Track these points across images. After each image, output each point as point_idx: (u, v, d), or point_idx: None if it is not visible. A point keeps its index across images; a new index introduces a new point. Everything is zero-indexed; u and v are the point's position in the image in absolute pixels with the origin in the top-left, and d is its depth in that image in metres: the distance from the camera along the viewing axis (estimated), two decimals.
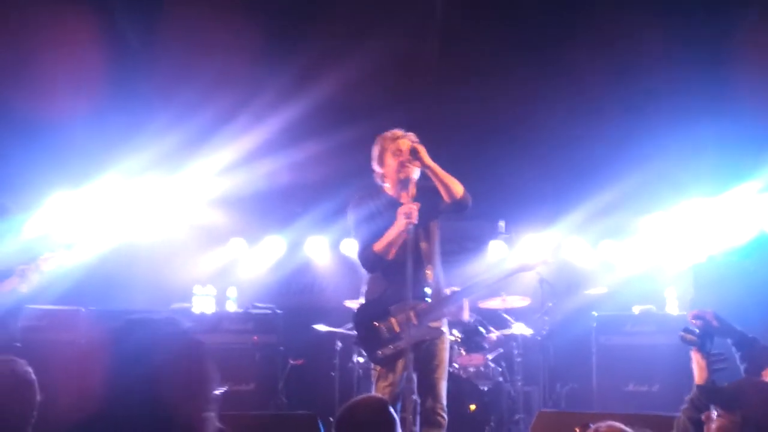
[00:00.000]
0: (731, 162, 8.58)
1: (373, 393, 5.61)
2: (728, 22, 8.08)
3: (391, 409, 3.54)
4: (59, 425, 1.87)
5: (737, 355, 3.86)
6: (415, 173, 5.55)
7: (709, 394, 3.47)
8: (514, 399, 8.38)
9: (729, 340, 3.89)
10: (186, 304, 8.74)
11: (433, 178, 5.46)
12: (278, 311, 8.72)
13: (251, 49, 8.26)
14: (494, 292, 8.45)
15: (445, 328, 5.63)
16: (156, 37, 8.52)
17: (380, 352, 5.45)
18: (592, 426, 3.20)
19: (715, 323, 3.83)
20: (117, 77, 8.45)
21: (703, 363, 3.76)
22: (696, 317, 3.85)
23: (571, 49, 8.43)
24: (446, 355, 5.62)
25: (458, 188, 5.46)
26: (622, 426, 3.16)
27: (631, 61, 8.43)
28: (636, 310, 8.35)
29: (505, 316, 8.63)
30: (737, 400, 3.15)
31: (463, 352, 8.03)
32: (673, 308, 8.48)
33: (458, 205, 5.50)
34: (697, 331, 3.83)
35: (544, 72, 8.80)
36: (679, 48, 8.27)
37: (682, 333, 3.87)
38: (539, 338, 8.42)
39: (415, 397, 5.65)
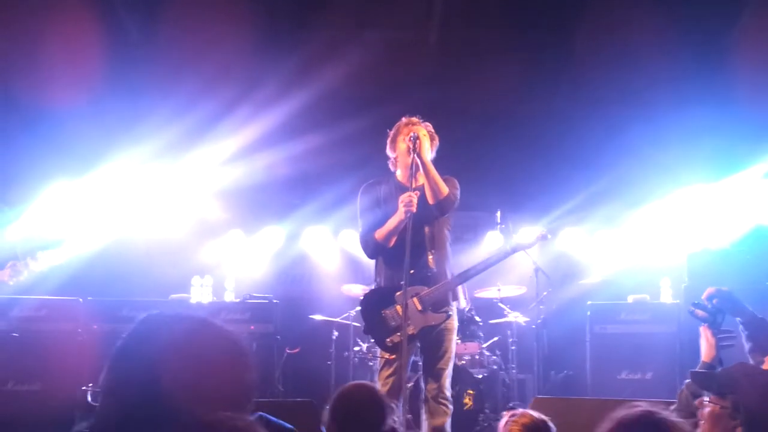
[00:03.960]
0: (728, 150, 8.63)
1: (375, 381, 5.70)
2: (727, 9, 8.12)
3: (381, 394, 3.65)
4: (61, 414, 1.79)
5: (744, 334, 3.92)
6: (428, 156, 5.58)
7: (702, 381, 3.50)
8: (509, 386, 8.48)
9: (738, 319, 3.94)
10: (184, 295, 8.80)
11: (424, 175, 5.51)
12: (275, 301, 8.79)
13: (251, 42, 8.30)
14: (490, 281, 8.53)
15: (453, 316, 5.67)
16: (156, 29, 8.55)
17: (389, 340, 5.49)
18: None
19: (729, 302, 3.89)
20: (118, 69, 8.49)
21: (712, 340, 3.81)
22: (711, 295, 3.91)
23: (568, 37, 8.47)
24: (453, 345, 5.67)
25: (442, 191, 5.50)
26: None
27: (629, 49, 8.45)
28: (630, 299, 8.42)
29: (501, 305, 8.71)
30: (729, 387, 3.18)
31: (459, 341, 8.11)
32: (667, 297, 8.55)
33: (438, 207, 5.54)
34: (709, 307, 3.89)
35: (541, 62, 8.85)
36: (676, 35, 8.29)
37: (693, 308, 3.93)
38: (534, 327, 8.49)
39: (410, 385, 5.72)
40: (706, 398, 3.31)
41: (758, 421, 3.05)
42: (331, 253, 10.49)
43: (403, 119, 5.72)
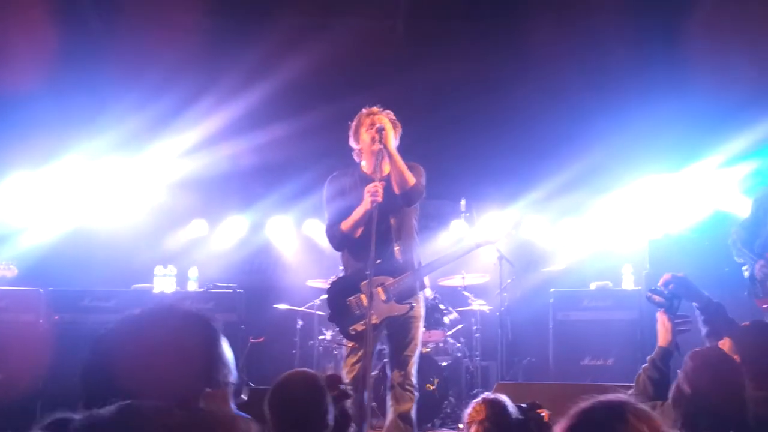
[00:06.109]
0: (687, 141, 8.74)
1: (341, 369, 5.72)
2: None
3: (322, 383, 3.32)
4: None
5: (700, 319, 3.99)
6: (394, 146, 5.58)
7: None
8: (473, 374, 8.53)
9: (694, 304, 4.02)
10: (147, 285, 8.75)
11: (391, 166, 5.53)
12: (239, 290, 8.76)
13: (214, 31, 8.25)
14: (454, 269, 8.57)
15: (419, 304, 5.71)
16: (118, 18, 8.46)
17: (352, 329, 5.53)
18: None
19: (685, 287, 3.96)
20: (79, 59, 8.40)
21: (668, 325, 3.90)
22: (668, 281, 3.97)
23: (532, 27, 8.52)
24: (420, 333, 5.72)
25: (409, 182, 5.51)
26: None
27: (591, 39, 8.53)
28: (593, 286, 8.51)
29: (465, 293, 8.76)
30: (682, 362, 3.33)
31: (423, 329, 8.13)
32: (629, 284, 8.65)
33: (405, 197, 5.56)
34: (666, 292, 3.95)
35: (505, 51, 8.89)
36: (639, 26, 8.38)
37: (650, 294, 3.99)
38: (498, 314, 8.54)
39: (375, 372, 5.74)
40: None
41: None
42: (295, 242, 10.48)
43: (364, 109, 5.73)
